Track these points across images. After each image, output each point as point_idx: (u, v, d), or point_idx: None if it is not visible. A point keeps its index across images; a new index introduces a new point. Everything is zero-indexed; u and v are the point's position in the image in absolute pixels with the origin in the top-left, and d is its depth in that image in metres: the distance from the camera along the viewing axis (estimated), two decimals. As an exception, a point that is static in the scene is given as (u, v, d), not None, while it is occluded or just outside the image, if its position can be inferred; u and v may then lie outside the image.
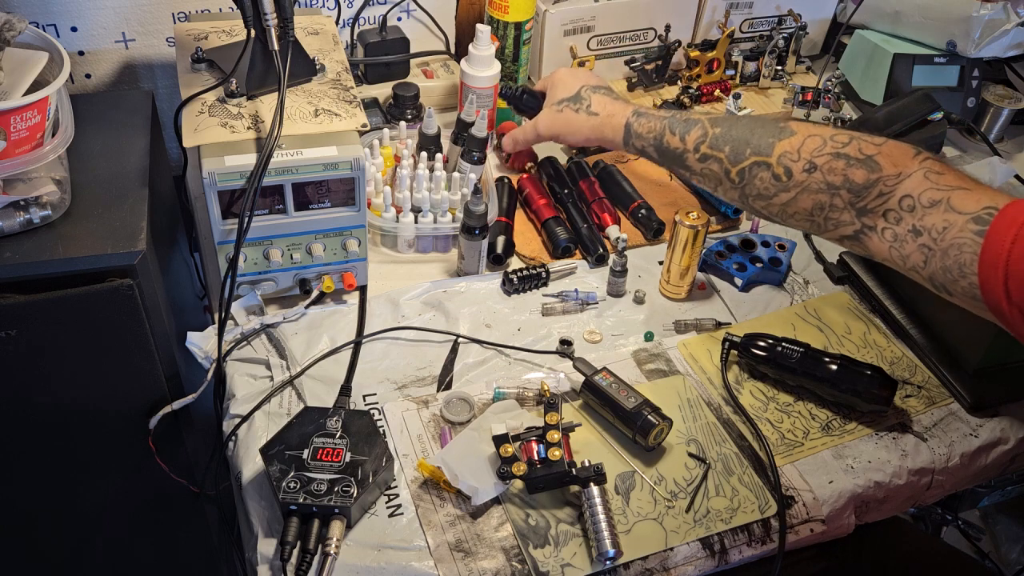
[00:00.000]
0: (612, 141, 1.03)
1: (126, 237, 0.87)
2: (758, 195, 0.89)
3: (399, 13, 1.32)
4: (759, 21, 1.45)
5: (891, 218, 0.81)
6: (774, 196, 0.88)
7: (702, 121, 0.94)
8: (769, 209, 0.90)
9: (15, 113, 0.79)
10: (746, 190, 0.90)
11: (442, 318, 1.01)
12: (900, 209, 0.81)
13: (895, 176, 0.81)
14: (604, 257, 1.09)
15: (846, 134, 0.85)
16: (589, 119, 1.05)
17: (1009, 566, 1.58)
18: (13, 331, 0.85)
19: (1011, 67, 1.45)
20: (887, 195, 0.82)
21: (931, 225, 0.78)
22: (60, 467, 1.02)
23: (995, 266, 0.72)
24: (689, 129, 0.94)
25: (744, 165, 0.89)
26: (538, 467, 0.81)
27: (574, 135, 1.07)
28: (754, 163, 0.88)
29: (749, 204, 0.91)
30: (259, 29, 0.89)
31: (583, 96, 1.06)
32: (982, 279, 0.73)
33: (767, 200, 0.89)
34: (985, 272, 0.73)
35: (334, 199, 0.93)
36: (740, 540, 0.83)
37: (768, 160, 0.87)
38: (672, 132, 0.96)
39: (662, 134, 0.97)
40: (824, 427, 0.93)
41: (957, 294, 0.77)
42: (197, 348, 0.93)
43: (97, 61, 1.17)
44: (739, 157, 0.89)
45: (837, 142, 0.85)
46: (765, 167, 0.88)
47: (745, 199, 0.91)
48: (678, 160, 0.96)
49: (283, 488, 0.77)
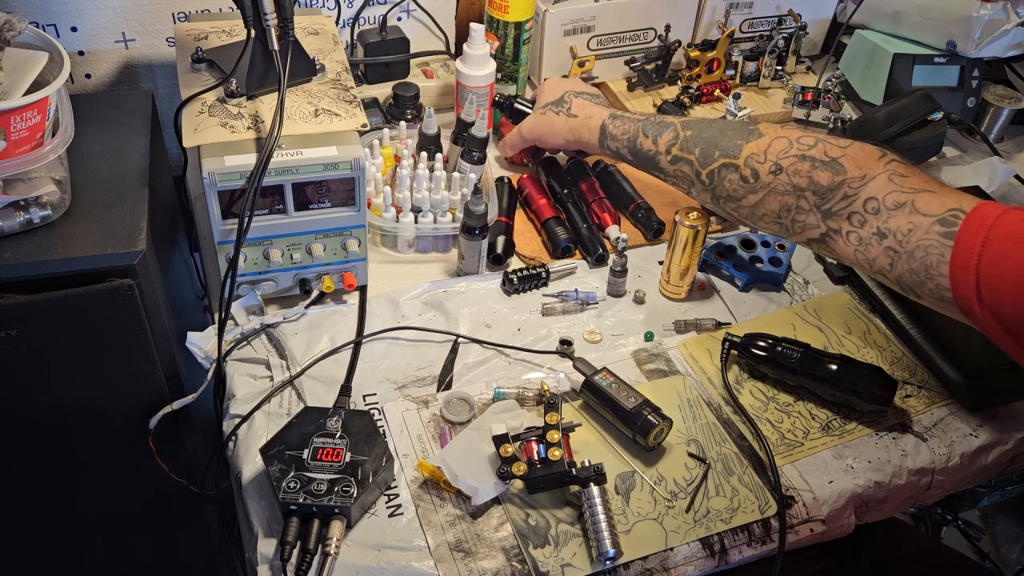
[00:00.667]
0: (588, 143, 1.06)
1: (126, 237, 0.87)
2: (728, 197, 0.91)
3: (399, 13, 1.32)
4: (759, 21, 1.45)
5: (855, 221, 0.82)
6: (743, 198, 0.89)
7: (675, 124, 0.96)
8: (739, 211, 0.91)
9: (15, 113, 0.79)
10: (716, 191, 0.92)
11: (442, 318, 1.01)
12: (865, 212, 0.81)
13: (859, 179, 0.82)
14: (604, 257, 1.09)
15: (812, 136, 0.86)
16: (568, 121, 1.07)
17: (1009, 566, 1.58)
18: (13, 331, 0.85)
19: (1011, 67, 1.45)
20: (851, 198, 0.82)
21: (896, 228, 0.79)
22: (60, 467, 1.02)
23: (966, 270, 0.73)
24: (661, 132, 0.96)
25: (713, 167, 0.91)
26: (538, 467, 0.81)
27: (554, 137, 1.10)
28: (723, 165, 0.90)
29: (720, 206, 0.93)
30: (259, 29, 0.89)
31: (565, 100, 1.09)
32: (953, 282, 0.74)
33: (736, 202, 0.90)
34: (956, 275, 0.74)
35: (334, 199, 0.93)
36: (740, 540, 0.83)
37: (736, 162, 0.89)
38: (645, 134, 0.98)
39: (635, 136, 0.99)
40: (824, 427, 0.93)
41: (925, 296, 0.78)
42: (197, 348, 0.93)
43: (97, 61, 1.17)
44: (708, 159, 0.91)
45: (803, 144, 0.86)
46: (733, 169, 0.89)
47: (716, 201, 0.93)
48: (651, 162, 0.98)
49: (283, 488, 0.77)
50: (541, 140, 1.12)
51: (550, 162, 1.21)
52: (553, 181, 1.17)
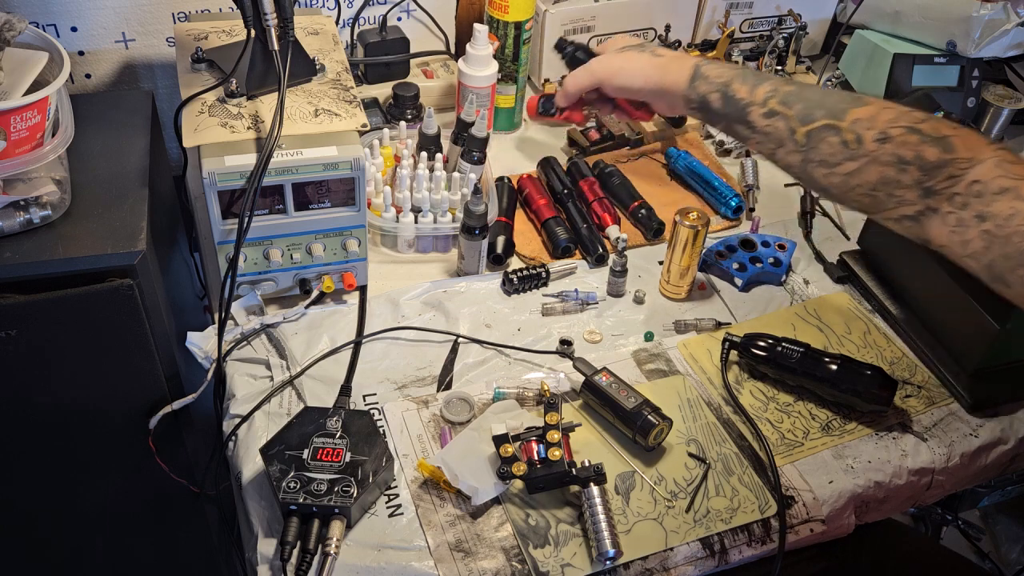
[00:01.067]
0: (674, 84, 0.95)
1: (126, 237, 0.87)
2: (821, 161, 0.85)
3: (399, 13, 1.32)
4: (759, 21, 1.45)
5: (957, 202, 0.79)
6: (839, 164, 0.83)
7: (774, 78, 0.90)
8: (830, 179, 0.85)
9: (15, 113, 0.79)
10: (810, 155, 0.85)
11: (442, 318, 1.01)
12: (968, 194, 0.78)
13: (967, 160, 0.79)
14: (604, 257, 1.09)
15: (922, 112, 0.82)
16: (652, 59, 0.98)
17: (1009, 566, 1.58)
18: (13, 331, 0.85)
19: (1011, 67, 1.45)
20: (957, 178, 0.79)
21: (997, 212, 0.76)
22: (60, 467, 1.02)
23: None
24: (760, 82, 0.89)
25: (813, 127, 0.84)
26: (538, 467, 0.81)
27: (632, 75, 0.99)
28: (824, 125, 0.84)
29: (808, 172, 0.86)
30: (259, 29, 0.89)
31: (647, 46, 1.02)
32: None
33: (830, 168, 0.84)
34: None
35: (334, 199, 0.93)
36: (740, 540, 0.83)
37: (840, 124, 0.83)
38: (743, 81, 0.90)
39: (731, 81, 0.91)
40: (824, 427, 0.93)
41: (1015, 283, 0.75)
42: (197, 348, 0.93)
43: (97, 61, 1.17)
44: (809, 117, 0.85)
45: (913, 117, 0.81)
46: (835, 131, 0.83)
47: (806, 165, 0.86)
48: (742, 112, 0.90)
49: (283, 488, 0.77)
50: (614, 78, 1.00)
51: (550, 162, 1.21)
52: (553, 181, 1.17)
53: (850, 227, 1.19)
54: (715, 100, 0.92)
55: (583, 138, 1.28)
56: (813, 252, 1.15)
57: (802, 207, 1.20)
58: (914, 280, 1.03)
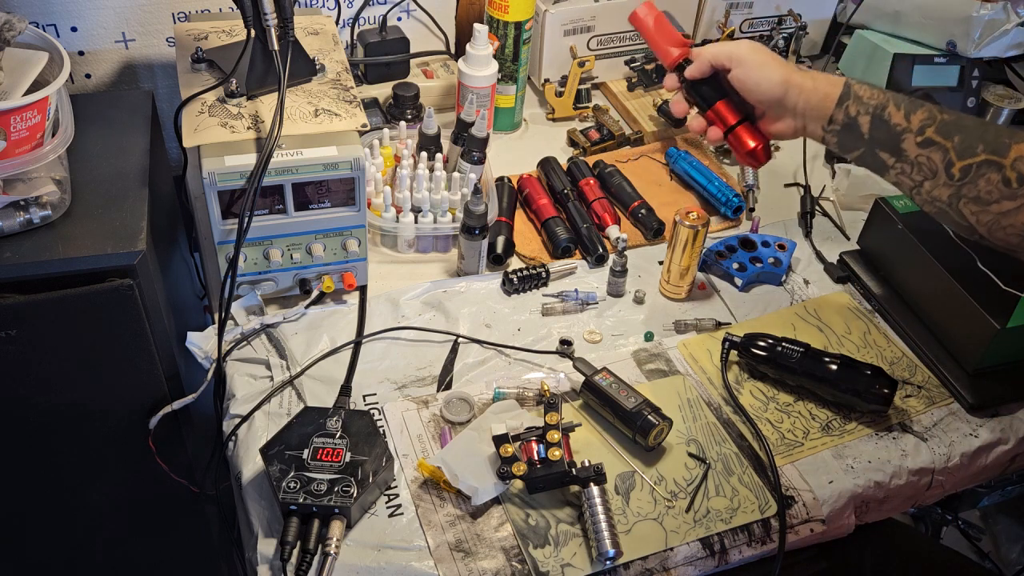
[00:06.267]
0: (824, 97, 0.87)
1: (126, 237, 0.87)
2: (975, 198, 0.80)
3: (399, 13, 1.32)
4: (759, 21, 1.45)
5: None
6: (994, 203, 0.79)
7: (927, 104, 0.84)
8: (980, 216, 0.80)
9: (15, 113, 0.79)
10: (963, 190, 0.80)
11: (442, 318, 1.01)
12: None
13: None
14: (604, 257, 1.09)
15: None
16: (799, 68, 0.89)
17: (1009, 566, 1.58)
18: (13, 331, 0.85)
19: (1011, 67, 1.45)
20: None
21: None
22: (60, 467, 1.01)
23: None
24: (915, 108, 0.83)
25: (972, 161, 0.79)
26: (538, 467, 0.81)
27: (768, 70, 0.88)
28: (984, 161, 0.79)
29: (957, 208, 0.81)
30: (259, 29, 0.89)
31: None
32: None
33: (983, 206, 0.80)
34: None
35: (334, 199, 0.93)
36: (740, 540, 0.83)
37: (1002, 161, 0.78)
38: (897, 106, 0.84)
39: (885, 104, 0.84)
40: (824, 427, 0.93)
41: None
42: (197, 348, 0.93)
43: (97, 61, 1.17)
44: (968, 151, 0.80)
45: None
46: (996, 168, 0.78)
47: (955, 200, 0.81)
48: (894, 139, 0.84)
49: (283, 488, 0.77)
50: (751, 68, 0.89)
51: (550, 162, 1.21)
52: (553, 181, 1.17)
53: (850, 227, 1.19)
54: (864, 123, 0.86)
55: (583, 138, 1.28)
56: (813, 252, 1.15)
57: (802, 207, 1.20)
58: (914, 280, 1.03)
